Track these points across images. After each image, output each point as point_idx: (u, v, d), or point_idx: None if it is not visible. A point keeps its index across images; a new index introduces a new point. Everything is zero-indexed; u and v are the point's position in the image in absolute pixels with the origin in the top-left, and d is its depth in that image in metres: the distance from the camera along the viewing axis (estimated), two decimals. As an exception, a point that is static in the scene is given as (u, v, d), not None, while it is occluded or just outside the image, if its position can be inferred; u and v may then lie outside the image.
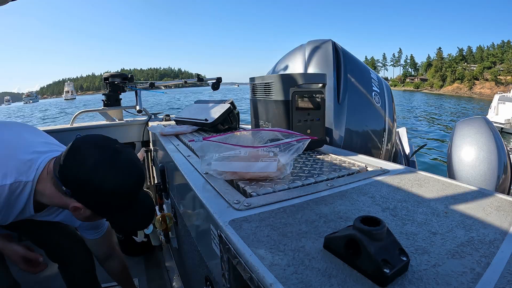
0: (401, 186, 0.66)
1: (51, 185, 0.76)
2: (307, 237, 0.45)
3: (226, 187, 0.67)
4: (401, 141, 1.95)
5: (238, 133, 0.76)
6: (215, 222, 0.52)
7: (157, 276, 1.63)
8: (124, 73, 2.23)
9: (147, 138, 2.15)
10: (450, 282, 0.34)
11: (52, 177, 0.75)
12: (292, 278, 0.36)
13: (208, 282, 0.70)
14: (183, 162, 0.92)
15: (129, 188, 0.75)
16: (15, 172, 0.73)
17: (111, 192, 0.71)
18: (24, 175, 0.74)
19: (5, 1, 1.29)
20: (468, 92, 72.07)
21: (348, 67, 1.34)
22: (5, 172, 0.72)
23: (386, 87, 1.49)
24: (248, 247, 0.42)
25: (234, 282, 0.50)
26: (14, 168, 0.73)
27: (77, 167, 0.70)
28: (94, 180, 0.69)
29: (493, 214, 0.51)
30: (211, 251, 0.59)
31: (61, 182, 0.72)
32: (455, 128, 1.18)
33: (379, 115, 1.38)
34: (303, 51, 1.45)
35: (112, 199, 0.73)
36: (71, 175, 0.70)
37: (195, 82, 2.44)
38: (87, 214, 0.76)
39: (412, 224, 0.48)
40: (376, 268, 0.34)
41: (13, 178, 0.72)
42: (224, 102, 1.52)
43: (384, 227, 0.36)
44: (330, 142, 1.25)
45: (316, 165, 0.83)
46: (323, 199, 0.60)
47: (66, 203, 0.76)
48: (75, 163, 0.71)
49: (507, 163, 1.05)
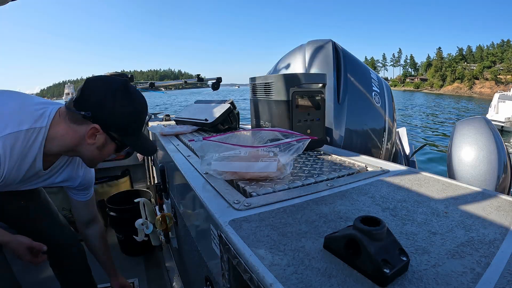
0: (401, 186, 0.66)
1: (64, 125, 0.81)
2: (307, 237, 0.45)
3: (226, 187, 0.67)
4: (401, 141, 1.95)
5: (238, 133, 0.76)
6: (215, 222, 0.52)
7: (157, 276, 1.63)
8: (124, 74, 2.23)
9: (147, 138, 2.15)
10: (450, 282, 0.34)
11: (66, 115, 0.81)
12: (292, 278, 0.36)
13: (208, 282, 0.70)
14: (183, 162, 0.92)
15: (141, 112, 0.86)
16: (30, 119, 0.77)
17: (128, 113, 0.81)
18: (38, 122, 0.78)
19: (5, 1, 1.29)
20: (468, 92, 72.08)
21: (348, 67, 1.34)
22: (21, 119, 0.76)
23: (386, 87, 1.49)
24: (248, 247, 0.42)
25: (234, 282, 0.50)
26: (29, 116, 0.77)
27: (96, 92, 0.79)
28: (113, 101, 0.79)
29: (493, 214, 0.51)
30: (211, 251, 0.59)
31: (79, 111, 0.78)
32: (455, 128, 1.18)
33: (379, 115, 1.38)
34: (303, 51, 1.46)
35: (127, 121, 0.82)
36: (91, 99, 0.79)
37: (195, 82, 2.44)
38: (101, 141, 0.83)
39: (412, 224, 0.48)
40: (376, 268, 0.34)
41: (28, 124, 0.76)
42: (224, 102, 1.52)
43: (384, 227, 0.36)
44: (330, 142, 1.25)
45: (316, 165, 0.83)
46: (323, 199, 0.60)
47: (80, 135, 0.81)
48: (94, 89, 0.80)
49: (507, 163, 1.05)
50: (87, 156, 0.87)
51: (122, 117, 0.81)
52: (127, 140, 0.87)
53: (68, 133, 0.81)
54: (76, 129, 0.81)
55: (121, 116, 0.81)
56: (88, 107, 0.78)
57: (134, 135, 0.87)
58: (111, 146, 0.87)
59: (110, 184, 2.08)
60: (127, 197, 1.89)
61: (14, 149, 0.75)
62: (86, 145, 0.83)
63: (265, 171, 0.68)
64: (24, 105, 0.80)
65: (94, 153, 0.86)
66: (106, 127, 0.81)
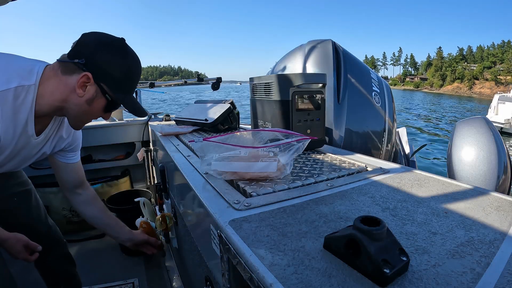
0: (401, 186, 0.66)
1: (54, 79, 0.77)
2: (307, 237, 0.45)
3: (226, 187, 0.67)
4: (401, 141, 1.95)
5: (238, 134, 0.76)
6: (215, 222, 0.52)
7: (157, 276, 1.63)
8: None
9: (147, 138, 2.15)
10: (450, 282, 0.34)
11: (58, 68, 0.78)
12: (292, 278, 0.36)
13: (208, 282, 0.70)
14: (183, 162, 0.92)
15: (136, 71, 0.83)
16: (17, 77, 0.73)
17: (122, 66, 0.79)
18: (26, 79, 0.74)
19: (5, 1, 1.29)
20: (468, 92, 72.09)
21: (348, 67, 1.34)
22: (8, 77, 0.72)
23: (386, 87, 1.49)
24: (248, 247, 0.42)
25: (234, 282, 0.50)
26: (16, 74, 0.74)
27: (92, 42, 0.77)
28: (108, 51, 0.77)
29: (493, 214, 0.51)
30: (211, 251, 0.59)
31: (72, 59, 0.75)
32: (455, 128, 1.18)
33: (379, 115, 1.38)
34: (303, 51, 1.46)
35: (121, 74, 0.79)
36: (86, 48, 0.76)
37: (195, 82, 2.45)
38: (91, 92, 0.79)
39: (412, 224, 0.48)
40: (376, 268, 0.34)
41: (17, 82, 0.72)
42: (224, 102, 1.52)
43: (384, 227, 0.36)
44: (330, 142, 1.25)
45: (316, 165, 0.83)
46: (323, 199, 0.60)
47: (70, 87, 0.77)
48: (90, 40, 0.77)
49: (507, 163, 1.05)
50: (75, 112, 0.82)
51: (116, 69, 0.78)
52: (118, 95, 0.82)
53: (58, 87, 0.77)
54: (67, 81, 0.77)
55: (115, 67, 0.78)
56: (82, 55, 0.75)
57: (126, 92, 0.83)
58: (101, 101, 0.81)
59: (110, 184, 2.08)
60: (127, 197, 1.89)
61: (4, 109, 0.71)
62: (75, 99, 0.78)
63: (265, 171, 0.68)
64: (10, 63, 0.76)
65: (83, 107, 0.80)
66: (98, 77, 0.77)
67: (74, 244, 1.83)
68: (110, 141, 2.12)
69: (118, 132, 2.12)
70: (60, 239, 1.21)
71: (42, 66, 0.78)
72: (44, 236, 1.10)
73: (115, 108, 0.86)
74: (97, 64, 0.76)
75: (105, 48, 0.77)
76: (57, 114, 0.85)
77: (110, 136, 2.11)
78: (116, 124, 2.14)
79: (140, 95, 2.17)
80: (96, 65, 0.76)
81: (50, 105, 0.78)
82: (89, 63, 0.76)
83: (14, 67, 0.75)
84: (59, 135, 0.95)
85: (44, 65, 0.79)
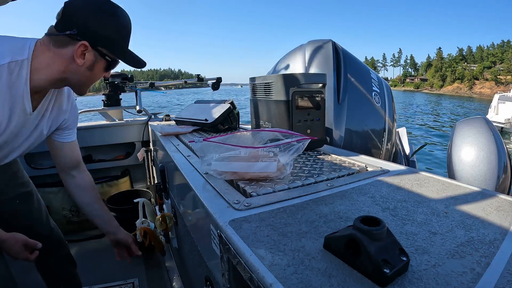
0: (401, 186, 0.66)
1: (48, 53, 0.77)
2: (307, 237, 0.45)
3: (226, 187, 0.67)
4: (401, 141, 1.95)
5: (238, 134, 0.76)
6: (215, 222, 0.52)
7: (157, 276, 1.63)
8: (124, 73, 2.23)
9: (147, 138, 2.15)
10: (450, 282, 0.34)
11: (49, 42, 0.77)
12: (292, 278, 0.36)
13: (208, 282, 0.70)
14: (183, 162, 0.92)
15: (127, 26, 0.83)
16: (10, 53, 0.73)
17: (115, 24, 0.79)
18: (18, 54, 0.74)
19: (5, 1, 1.29)
20: (468, 92, 72.10)
21: (348, 67, 1.34)
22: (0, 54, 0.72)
23: (386, 87, 1.49)
24: (248, 247, 0.42)
25: (234, 282, 0.50)
26: (8, 50, 0.73)
27: (79, 10, 0.75)
28: (98, 15, 0.76)
29: (493, 214, 0.51)
30: (211, 251, 0.59)
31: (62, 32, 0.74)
32: (455, 128, 1.18)
33: (379, 115, 1.38)
34: (303, 51, 1.46)
35: (115, 33, 0.80)
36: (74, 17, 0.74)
37: (195, 82, 2.45)
38: (90, 59, 0.79)
39: (412, 224, 0.48)
40: (376, 268, 0.34)
41: (9, 58, 0.72)
42: (224, 102, 1.52)
43: (384, 227, 0.36)
44: (330, 142, 1.25)
45: (316, 165, 0.83)
46: (323, 199, 0.60)
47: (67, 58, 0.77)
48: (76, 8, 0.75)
49: (507, 163, 1.05)
50: (77, 80, 0.82)
51: (110, 29, 0.78)
52: (118, 54, 0.84)
53: (54, 60, 0.77)
54: (62, 53, 0.77)
55: (110, 30, 0.78)
56: (73, 25, 0.74)
57: (123, 48, 0.85)
58: (102, 63, 0.83)
59: (110, 184, 2.08)
60: (127, 197, 1.89)
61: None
62: (75, 68, 0.79)
63: (265, 171, 0.68)
64: (1, 42, 0.75)
65: (85, 74, 0.81)
66: (94, 43, 0.77)
67: (74, 244, 1.83)
68: (110, 141, 2.12)
69: (118, 132, 2.12)
70: (62, 241, 1.21)
71: (33, 41, 0.78)
72: (46, 238, 1.09)
73: (115, 65, 0.87)
74: (91, 31, 0.76)
75: (95, 14, 0.76)
76: (57, 86, 0.86)
77: (110, 136, 2.11)
78: (116, 124, 2.14)
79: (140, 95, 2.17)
80: (90, 32, 0.76)
81: (49, 79, 0.79)
82: (82, 32, 0.75)
83: (5, 45, 0.75)
84: (56, 110, 0.94)
85: (35, 40, 0.78)
